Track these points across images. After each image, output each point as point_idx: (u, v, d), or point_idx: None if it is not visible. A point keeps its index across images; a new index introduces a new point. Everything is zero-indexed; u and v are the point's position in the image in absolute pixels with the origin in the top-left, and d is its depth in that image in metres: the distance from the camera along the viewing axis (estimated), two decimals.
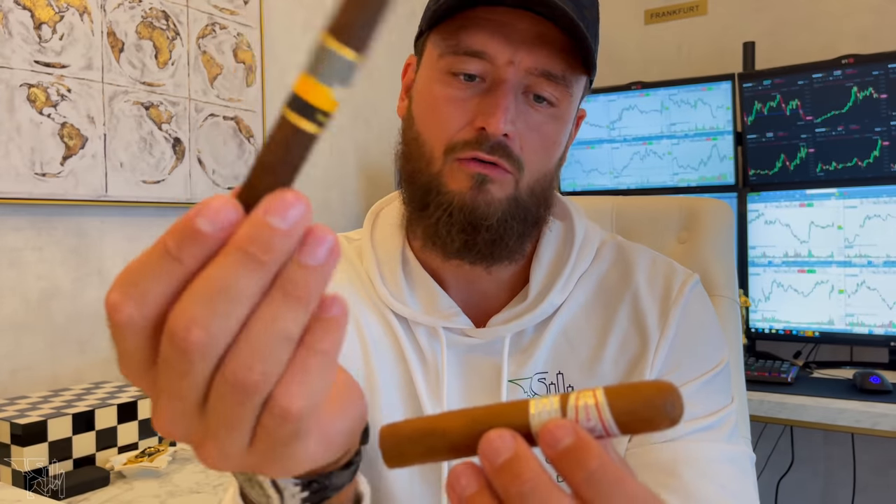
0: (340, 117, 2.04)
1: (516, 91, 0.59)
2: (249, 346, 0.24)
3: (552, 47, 0.58)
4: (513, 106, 0.58)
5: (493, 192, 0.59)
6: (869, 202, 1.56)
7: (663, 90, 1.89)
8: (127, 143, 1.44)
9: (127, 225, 1.47)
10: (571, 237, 0.68)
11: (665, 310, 0.65)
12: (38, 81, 1.30)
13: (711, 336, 0.66)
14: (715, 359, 0.64)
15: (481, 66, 0.58)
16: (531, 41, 0.58)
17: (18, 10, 1.27)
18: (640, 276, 0.67)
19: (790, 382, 1.45)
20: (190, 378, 0.25)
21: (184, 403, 0.26)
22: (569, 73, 0.59)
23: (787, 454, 1.82)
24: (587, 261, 0.68)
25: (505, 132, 0.58)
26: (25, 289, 1.31)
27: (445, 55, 0.60)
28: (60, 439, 1.03)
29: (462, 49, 0.58)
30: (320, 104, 0.23)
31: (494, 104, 0.57)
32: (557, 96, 0.60)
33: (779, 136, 1.75)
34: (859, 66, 1.62)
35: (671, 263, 0.69)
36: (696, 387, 0.62)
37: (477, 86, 0.59)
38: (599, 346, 0.64)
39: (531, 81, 0.59)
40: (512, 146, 0.59)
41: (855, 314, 1.57)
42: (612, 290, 0.67)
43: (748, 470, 0.60)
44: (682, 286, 0.66)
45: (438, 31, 0.61)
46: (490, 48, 0.58)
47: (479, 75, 0.59)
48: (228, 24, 1.65)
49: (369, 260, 0.69)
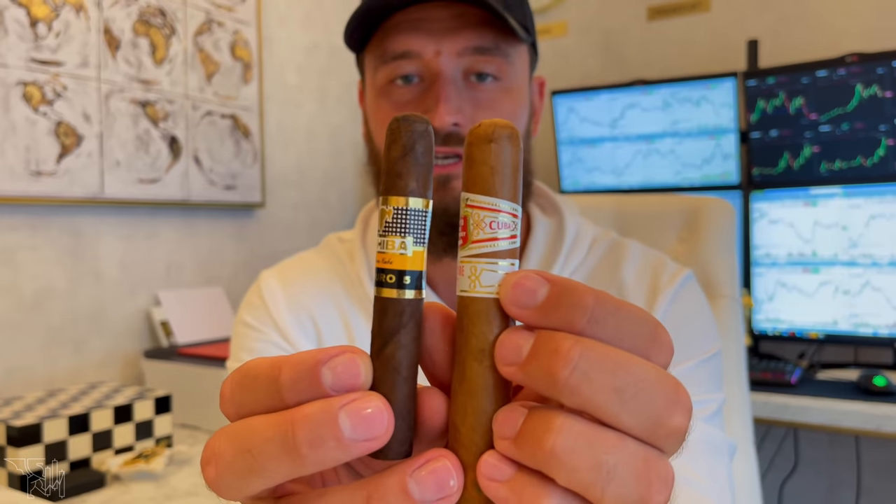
0: (340, 117, 2.03)
1: (454, 78, 0.59)
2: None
3: (475, 25, 0.59)
4: (454, 94, 0.59)
5: (457, 188, 0.60)
6: (874, 201, 1.54)
7: (666, 88, 1.88)
8: (123, 142, 1.43)
9: (123, 224, 1.46)
10: (562, 234, 0.68)
11: (652, 298, 0.64)
12: (33, 79, 1.28)
13: (701, 325, 0.65)
14: (703, 347, 0.63)
15: (412, 65, 0.60)
16: (451, 26, 0.59)
17: (14, 7, 1.26)
18: (629, 269, 0.67)
19: (794, 384, 1.43)
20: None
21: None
22: (501, 43, 0.60)
23: (791, 456, 1.80)
24: (578, 257, 0.67)
25: (453, 122, 0.58)
26: (20, 289, 1.29)
27: (379, 67, 0.61)
28: (56, 441, 1.02)
29: (389, 55, 0.60)
30: (401, 265, 0.22)
31: (434, 98, 0.58)
32: (498, 69, 0.60)
33: (783, 134, 1.73)
34: (864, 64, 1.61)
35: (663, 258, 0.69)
36: (680, 371, 0.60)
37: (417, 86, 0.61)
38: None
39: (467, 63, 0.59)
40: (464, 132, 0.59)
41: (859, 315, 1.55)
42: (599, 282, 0.66)
43: (723, 452, 0.59)
44: (671, 278, 0.65)
45: (369, 49, 0.63)
46: (414, 45, 0.59)
47: (415, 74, 0.60)
48: (225, 21, 1.64)
49: (360, 261, 0.69)
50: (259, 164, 1.73)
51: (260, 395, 0.23)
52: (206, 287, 1.61)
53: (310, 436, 0.21)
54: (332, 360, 0.21)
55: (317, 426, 0.21)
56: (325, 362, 0.21)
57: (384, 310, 0.23)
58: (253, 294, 0.72)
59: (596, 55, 2.19)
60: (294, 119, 1.88)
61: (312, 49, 1.93)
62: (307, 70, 1.91)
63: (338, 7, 2.01)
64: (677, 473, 0.52)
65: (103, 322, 1.42)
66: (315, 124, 1.94)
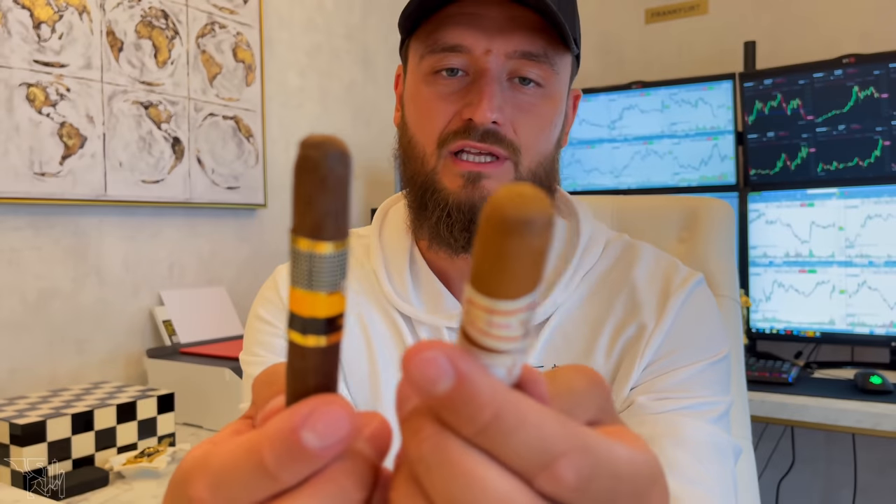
0: (340, 117, 2.04)
1: (500, 78, 0.60)
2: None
3: (527, 29, 0.59)
4: (498, 93, 0.59)
5: (487, 187, 0.60)
6: (870, 202, 1.56)
7: (664, 89, 1.89)
8: (126, 143, 1.44)
9: (126, 225, 1.47)
10: (576, 237, 0.68)
11: (663, 301, 0.65)
12: (37, 81, 1.29)
13: (711, 329, 0.66)
14: (713, 349, 0.64)
15: (461, 59, 0.60)
16: (505, 27, 0.59)
17: (18, 9, 1.27)
18: (641, 271, 0.67)
19: (791, 383, 1.45)
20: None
21: None
22: (550, 51, 0.60)
23: (788, 455, 1.81)
24: (591, 260, 0.68)
25: (493, 119, 0.59)
26: (24, 288, 1.30)
27: (426, 56, 0.61)
28: (59, 439, 1.03)
29: (440, 46, 0.60)
30: (316, 313, 0.20)
31: (478, 94, 0.59)
32: (543, 75, 0.61)
33: (780, 135, 1.74)
34: (860, 66, 1.62)
35: (675, 262, 0.69)
36: (689, 372, 0.61)
37: (461, 79, 0.61)
38: (593, 338, 0.65)
39: (513, 65, 0.60)
40: (503, 131, 0.60)
41: (856, 314, 1.56)
42: (611, 284, 0.67)
43: (728, 454, 0.59)
44: (683, 281, 0.66)
45: (417, 36, 0.63)
46: (466, 40, 0.59)
47: (461, 69, 0.60)
48: (228, 24, 1.65)
49: (376, 258, 0.70)
50: (261, 165, 1.74)
51: (252, 487, 0.20)
52: (208, 287, 1.62)
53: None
54: (313, 419, 0.20)
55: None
56: (304, 426, 0.20)
57: (314, 360, 0.21)
58: (268, 288, 0.72)
59: (594, 57, 2.20)
60: (296, 120, 1.89)
61: (314, 51, 1.94)
62: (309, 72, 1.93)
63: (339, 9, 2.02)
64: (682, 473, 0.53)
65: (106, 321, 1.43)
66: (317, 125, 1.95)
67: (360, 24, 2.10)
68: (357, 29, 2.08)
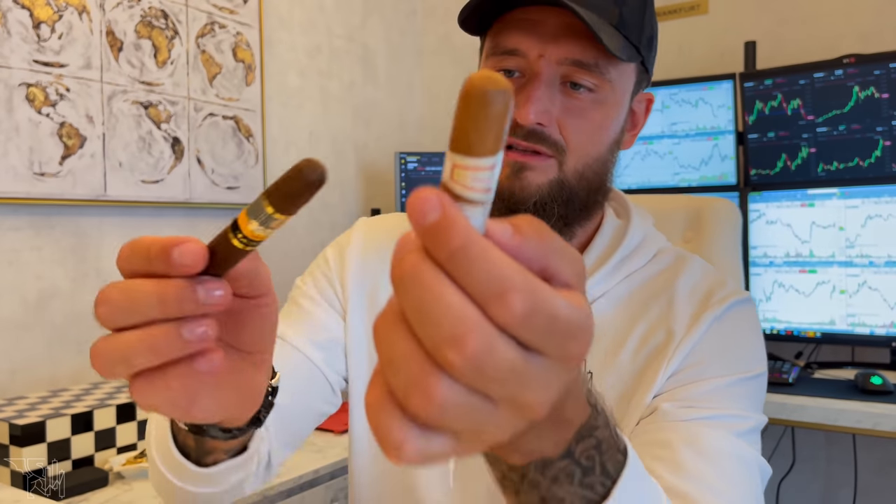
0: (340, 117, 2.04)
1: (551, 82, 0.63)
2: None
3: (580, 38, 0.62)
4: (545, 96, 0.62)
5: (529, 178, 0.63)
6: (870, 202, 1.56)
7: (664, 89, 1.89)
8: (126, 143, 1.44)
9: (126, 225, 1.47)
10: (622, 238, 0.70)
11: (698, 314, 0.65)
12: (36, 81, 1.29)
13: (747, 347, 0.65)
14: (745, 367, 0.63)
15: (517, 62, 0.64)
16: (559, 34, 0.62)
17: (17, 9, 1.26)
18: (685, 282, 0.68)
19: (791, 383, 1.44)
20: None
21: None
22: (601, 61, 0.62)
23: (789, 455, 1.81)
24: (637, 263, 0.70)
25: (536, 121, 0.62)
26: (24, 289, 1.30)
27: (490, 56, 0.66)
28: (59, 440, 1.03)
29: (500, 49, 0.64)
30: (245, 232, 0.31)
31: (525, 96, 0.62)
32: (594, 83, 0.63)
33: (780, 135, 1.74)
34: (861, 66, 1.62)
35: (723, 280, 0.69)
36: (716, 384, 0.61)
37: (517, 80, 0.64)
38: (622, 337, 0.66)
39: (565, 71, 0.63)
40: (548, 132, 0.63)
41: (856, 314, 1.56)
42: (652, 290, 0.68)
43: (753, 469, 0.58)
44: (724, 297, 0.66)
45: (489, 35, 0.67)
46: (522, 45, 0.63)
47: (517, 70, 0.64)
48: (228, 24, 1.65)
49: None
50: (261, 165, 1.74)
51: (140, 262, 0.32)
52: None
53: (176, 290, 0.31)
54: (181, 246, 0.31)
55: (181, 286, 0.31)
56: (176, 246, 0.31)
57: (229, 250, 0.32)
58: (346, 236, 0.80)
59: None
60: (295, 120, 1.89)
61: (314, 51, 1.94)
62: (309, 72, 1.92)
63: (339, 9, 2.02)
64: (701, 480, 0.53)
65: None
66: (316, 126, 1.95)
67: (360, 24, 2.10)
68: (357, 29, 2.08)
